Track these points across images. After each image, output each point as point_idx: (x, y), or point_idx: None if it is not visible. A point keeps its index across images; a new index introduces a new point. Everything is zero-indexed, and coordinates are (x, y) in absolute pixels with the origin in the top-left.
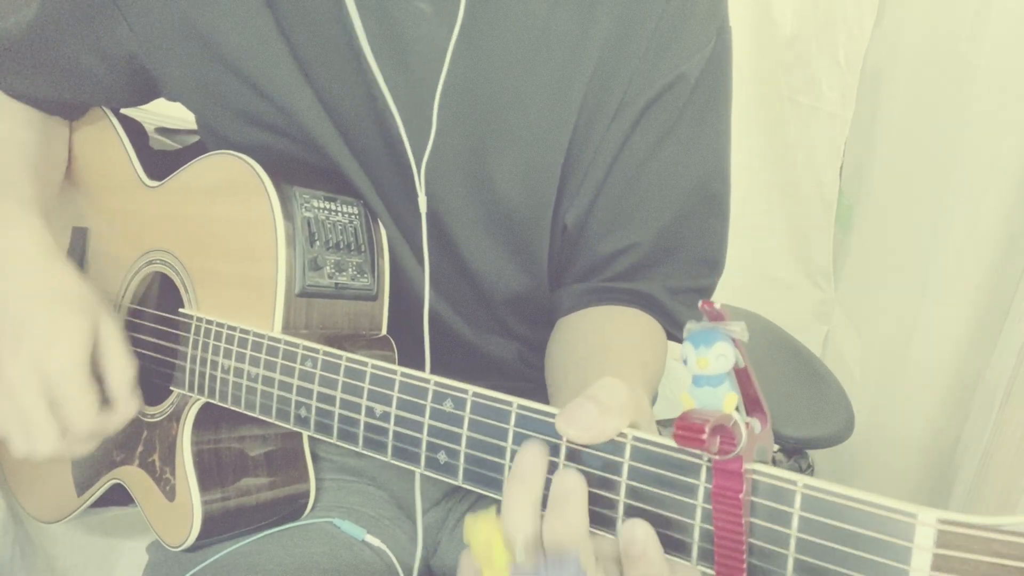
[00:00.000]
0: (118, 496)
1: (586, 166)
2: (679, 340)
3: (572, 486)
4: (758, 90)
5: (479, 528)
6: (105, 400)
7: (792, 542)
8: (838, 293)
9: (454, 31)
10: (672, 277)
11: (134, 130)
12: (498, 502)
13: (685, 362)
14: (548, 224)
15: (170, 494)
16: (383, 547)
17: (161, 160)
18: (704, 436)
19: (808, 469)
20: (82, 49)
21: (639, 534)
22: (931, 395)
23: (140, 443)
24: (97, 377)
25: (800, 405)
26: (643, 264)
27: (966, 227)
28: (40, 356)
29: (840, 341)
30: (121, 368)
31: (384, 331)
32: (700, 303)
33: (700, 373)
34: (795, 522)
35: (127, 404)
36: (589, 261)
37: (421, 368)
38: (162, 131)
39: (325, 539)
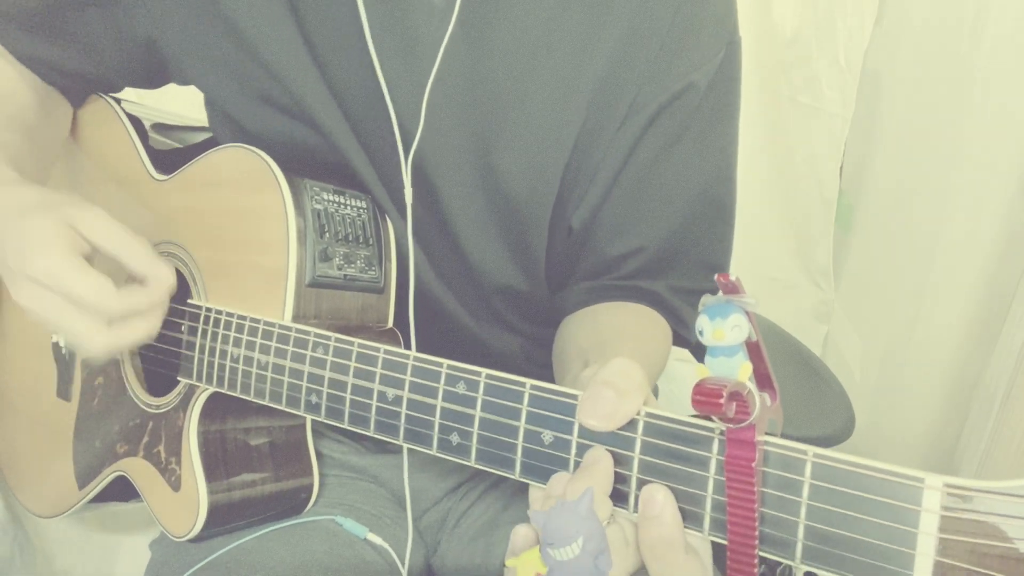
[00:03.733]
0: (119, 491)
1: (593, 169)
2: (683, 338)
3: (600, 456)
4: (758, 90)
5: (524, 562)
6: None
7: (803, 510)
8: (838, 293)
9: (450, 24)
10: (677, 279)
11: (139, 126)
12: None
13: (700, 334)
14: (547, 222)
15: (175, 484)
16: (385, 545)
17: (168, 155)
18: (722, 401)
19: None
20: (99, 27)
21: (658, 496)
22: (931, 395)
23: (145, 434)
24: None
25: (800, 405)
26: (649, 267)
27: (966, 227)
28: (25, 270)
29: (840, 341)
30: (120, 243)
31: (390, 324)
32: (716, 276)
33: (716, 344)
34: (805, 490)
35: (155, 269)
36: (596, 263)
37: None
38: (158, 128)
39: (327, 537)
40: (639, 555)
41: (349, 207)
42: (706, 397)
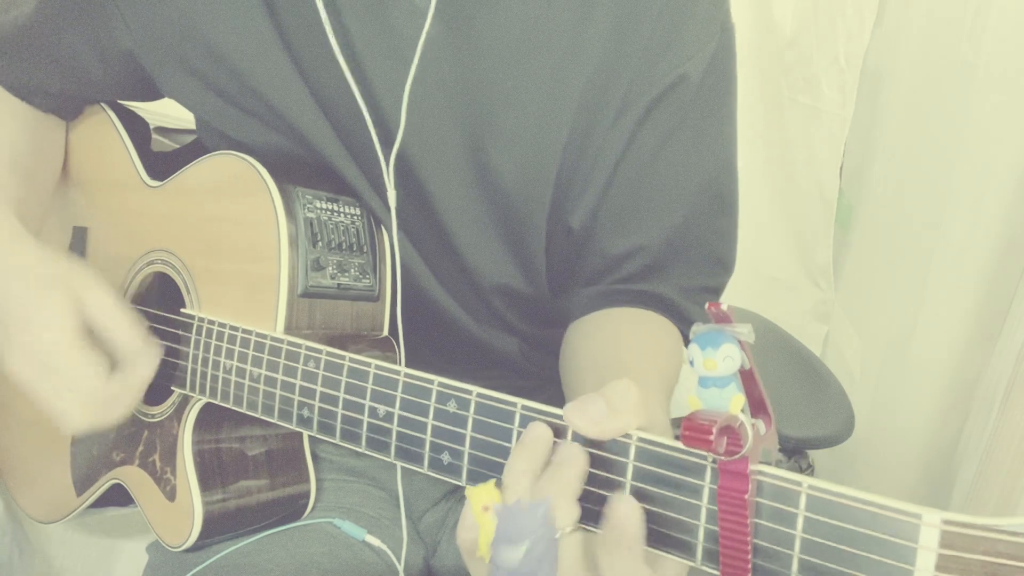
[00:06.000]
0: (117, 496)
1: (589, 167)
2: None
3: (573, 455)
4: (758, 90)
5: (478, 493)
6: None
7: (797, 543)
8: (838, 293)
9: (425, 25)
10: (683, 277)
11: (136, 129)
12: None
13: (691, 363)
14: (544, 220)
15: (170, 494)
16: (384, 547)
17: (162, 160)
18: (711, 437)
19: (808, 469)
20: (79, 44)
21: (623, 504)
22: (931, 395)
23: (140, 443)
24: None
25: (800, 405)
26: (653, 266)
27: (966, 227)
28: (26, 341)
29: (840, 341)
30: (119, 325)
31: (386, 332)
32: (707, 305)
33: (707, 375)
34: (800, 523)
35: (144, 355)
36: (598, 263)
37: (427, 366)
38: (160, 131)
39: (325, 539)
40: (597, 568)
41: (342, 215)
42: (695, 433)
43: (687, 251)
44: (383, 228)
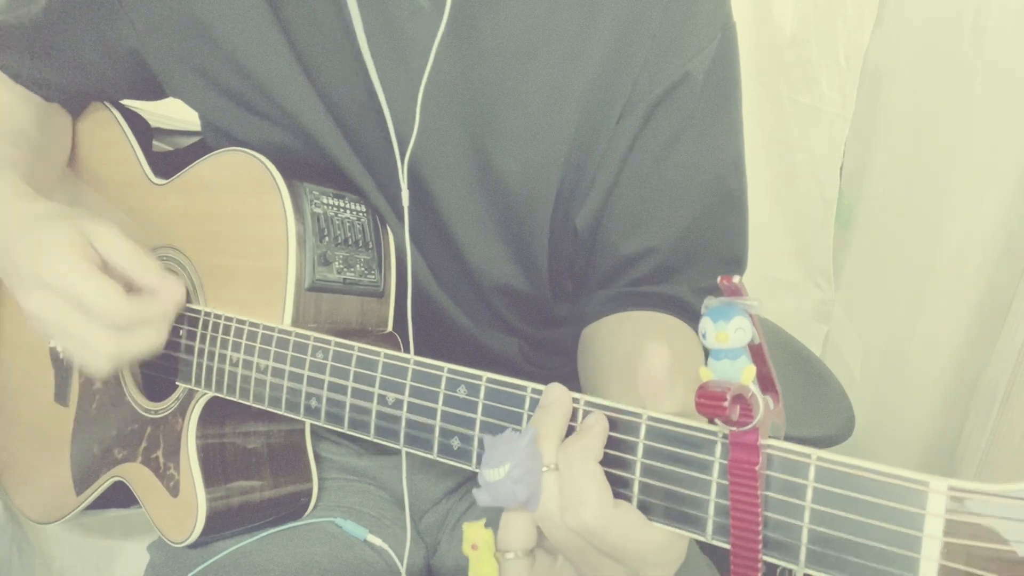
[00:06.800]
0: (117, 497)
1: (594, 168)
2: None
3: (594, 421)
4: (758, 90)
5: (470, 529)
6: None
7: (807, 513)
8: (838, 293)
9: (440, 26)
10: (697, 279)
11: (140, 129)
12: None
13: (704, 336)
14: (547, 220)
15: (174, 490)
16: (385, 547)
17: (167, 159)
18: (726, 403)
19: None
20: (86, 42)
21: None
22: (931, 395)
23: (143, 439)
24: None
25: (800, 405)
26: (666, 268)
27: (966, 227)
28: (39, 276)
29: (840, 341)
30: (129, 257)
31: (390, 328)
32: (719, 278)
33: (719, 347)
34: (809, 494)
35: (164, 282)
36: (610, 265)
37: None
38: (157, 132)
39: (326, 539)
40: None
41: (348, 211)
42: (709, 400)
43: (699, 251)
44: (388, 226)
